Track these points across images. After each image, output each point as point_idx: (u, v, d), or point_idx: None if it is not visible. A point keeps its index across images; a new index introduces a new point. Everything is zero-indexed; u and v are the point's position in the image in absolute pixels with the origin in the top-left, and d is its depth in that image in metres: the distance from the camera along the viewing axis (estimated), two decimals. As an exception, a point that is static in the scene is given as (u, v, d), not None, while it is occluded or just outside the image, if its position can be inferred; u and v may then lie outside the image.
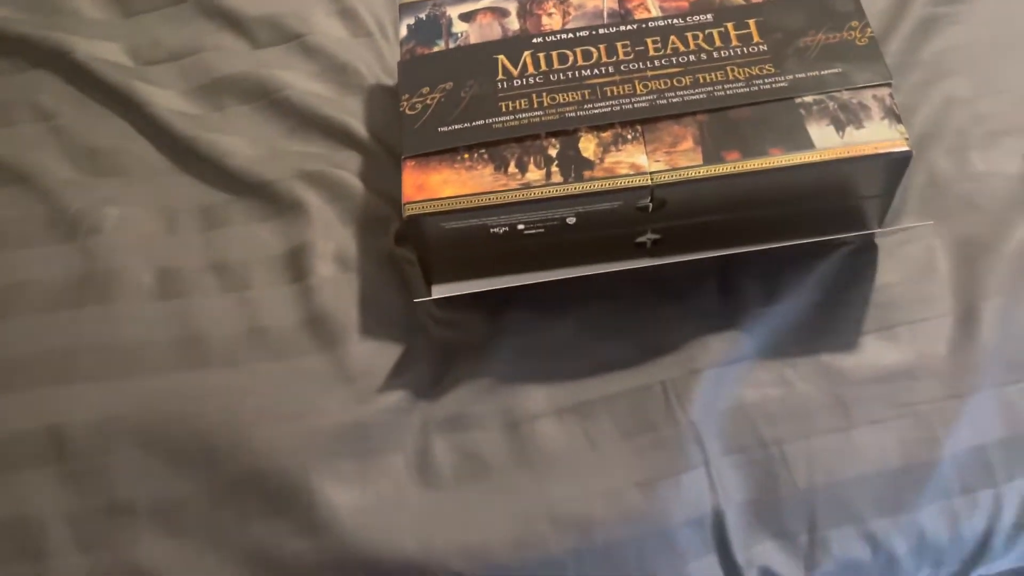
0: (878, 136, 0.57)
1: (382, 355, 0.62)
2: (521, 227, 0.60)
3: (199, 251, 0.67)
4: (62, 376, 0.61)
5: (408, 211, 0.59)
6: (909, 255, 0.63)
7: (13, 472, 0.58)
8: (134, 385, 0.61)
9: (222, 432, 0.59)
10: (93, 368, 0.61)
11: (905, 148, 0.57)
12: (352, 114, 0.71)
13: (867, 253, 0.63)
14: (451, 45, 0.65)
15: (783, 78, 0.60)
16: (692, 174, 0.57)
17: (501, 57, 0.64)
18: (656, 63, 0.62)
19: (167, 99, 0.73)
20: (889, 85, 0.59)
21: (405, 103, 0.63)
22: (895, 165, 0.58)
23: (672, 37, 0.63)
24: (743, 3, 0.64)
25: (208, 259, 0.66)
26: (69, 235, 0.67)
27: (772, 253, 0.62)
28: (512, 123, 0.60)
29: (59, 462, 0.59)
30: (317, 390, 0.61)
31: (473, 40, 0.65)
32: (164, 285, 0.65)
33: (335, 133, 0.71)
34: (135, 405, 0.60)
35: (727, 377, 0.60)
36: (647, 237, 0.62)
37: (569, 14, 0.66)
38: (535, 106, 0.61)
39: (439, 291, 0.64)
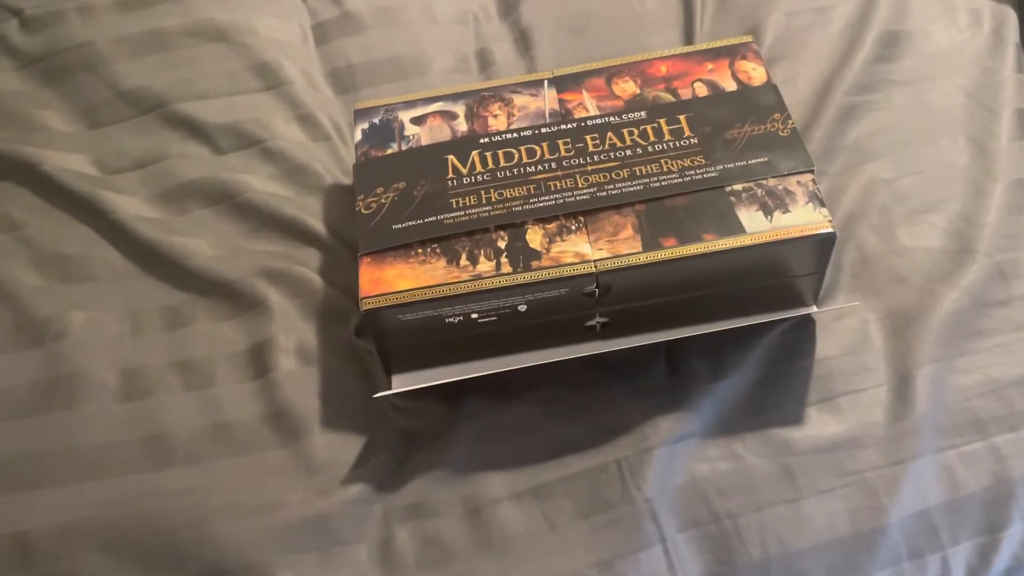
0: (804, 219, 0.61)
1: (344, 446, 0.64)
2: (475, 316, 0.63)
3: (163, 350, 0.68)
4: (28, 482, 0.62)
5: (365, 305, 0.61)
6: (845, 328, 0.67)
7: (-24, 582, 0.59)
8: (99, 488, 0.62)
9: (186, 530, 0.60)
10: (59, 473, 0.62)
11: (829, 229, 0.61)
12: (311, 213, 0.75)
13: (805, 328, 0.67)
14: (403, 147, 0.69)
15: (713, 168, 0.64)
16: (633, 260, 0.61)
17: (451, 157, 0.67)
18: (595, 158, 0.66)
19: (132, 206, 0.76)
20: (812, 172, 0.63)
21: (361, 203, 0.66)
22: (821, 245, 0.62)
23: (609, 134, 0.67)
24: (674, 100, 0.69)
25: (172, 358, 0.68)
26: (36, 341, 0.68)
27: (715, 332, 0.65)
28: (462, 218, 0.64)
29: (24, 570, 0.59)
30: (280, 484, 0.62)
31: (424, 142, 0.69)
32: (129, 386, 0.66)
33: (295, 232, 0.74)
34: (100, 508, 0.61)
35: (679, 454, 0.62)
36: (596, 320, 0.65)
37: (513, 115, 0.70)
38: (484, 202, 0.64)
39: (398, 382, 0.66)
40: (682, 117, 0.67)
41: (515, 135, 0.68)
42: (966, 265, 0.68)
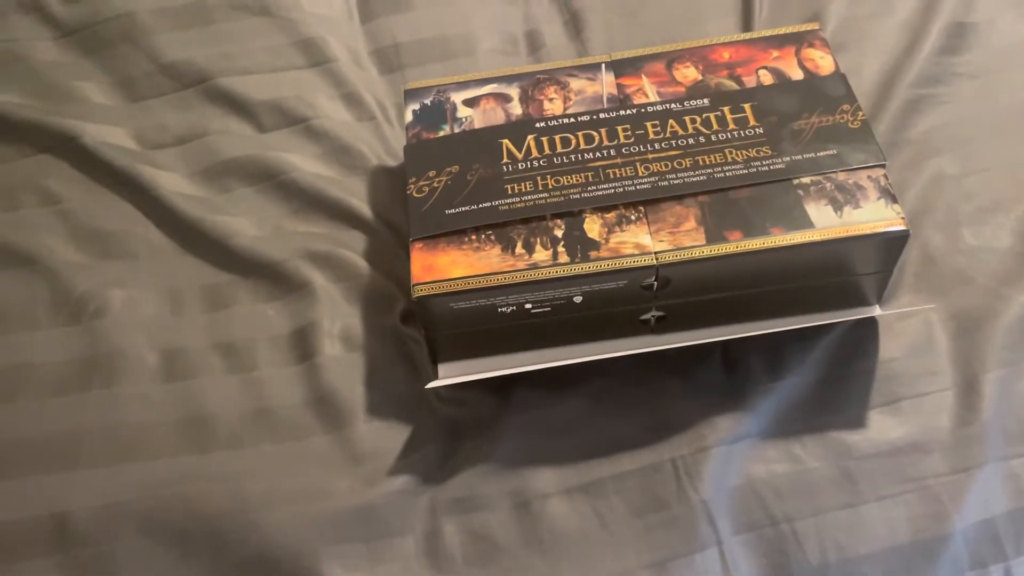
0: (875, 216, 0.59)
1: (389, 435, 0.62)
2: (529, 306, 0.61)
3: (205, 332, 0.67)
4: (66, 461, 0.60)
5: (417, 292, 0.59)
6: (908, 329, 0.64)
7: (14, 562, 0.57)
8: (139, 469, 0.60)
9: (228, 516, 0.58)
10: (98, 453, 0.61)
11: (903, 227, 0.58)
12: (356, 195, 0.73)
13: (867, 328, 0.64)
14: (456, 130, 0.67)
15: (780, 160, 0.62)
16: (696, 254, 0.59)
17: (505, 141, 0.65)
18: (656, 146, 0.64)
19: (173, 182, 0.74)
20: (883, 166, 0.61)
21: (412, 186, 0.64)
22: (893, 244, 0.59)
23: (671, 121, 0.65)
24: (738, 88, 0.66)
25: (214, 340, 0.66)
26: (74, 317, 0.67)
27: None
28: (518, 205, 0.62)
29: (62, 551, 0.58)
30: (324, 472, 0.60)
31: (477, 125, 0.67)
32: (169, 366, 0.65)
33: (340, 214, 0.72)
34: (140, 490, 0.59)
35: (736, 454, 0.60)
36: (651, 314, 0.63)
37: (570, 99, 0.68)
38: (540, 188, 0.62)
39: (445, 371, 0.64)
40: (747, 106, 0.65)
41: (572, 120, 0.66)
42: (1036, 267, 0.66)
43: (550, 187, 0.62)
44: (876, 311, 0.64)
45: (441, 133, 0.67)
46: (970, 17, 0.79)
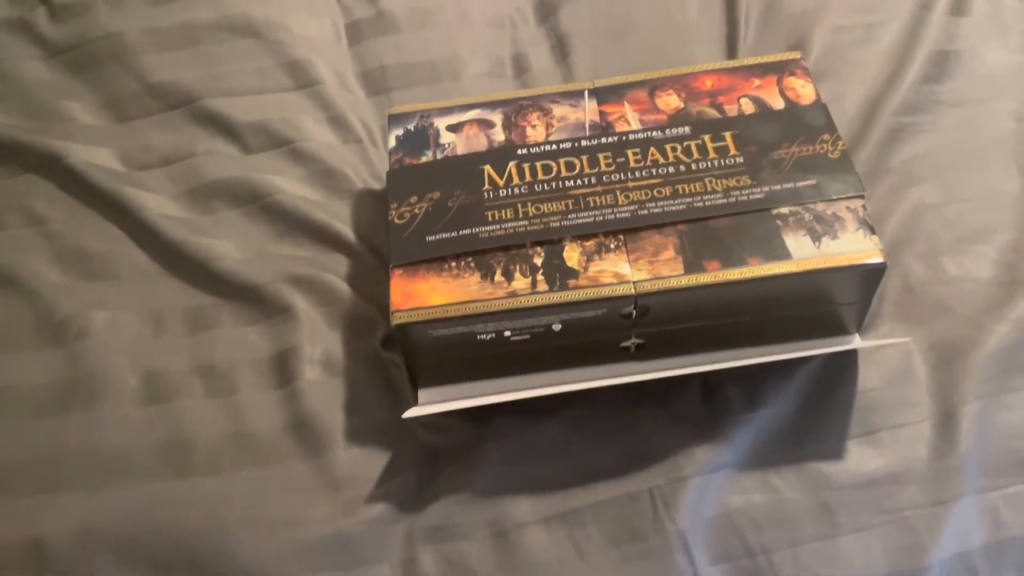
0: (853, 247, 0.59)
1: (368, 461, 0.62)
2: (508, 333, 0.61)
3: (186, 354, 0.67)
4: (45, 485, 0.60)
5: (396, 319, 0.59)
6: (887, 359, 0.64)
7: (-11, 588, 0.57)
8: (118, 494, 0.60)
9: (206, 542, 0.58)
10: (77, 477, 0.61)
11: (880, 259, 0.59)
12: (340, 218, 0.73)
13: (846, 357, 0.65)
14: (439, 155, 0.67)
15: (759, 189, 0.62)
16: (674, 283, 0.59)
17: (487, 167, 0.65)
18: (637, 174, 0.64)
19: (158, 203, 0.74)
20: (862, 197, 0.61)
21: (394, 212, 0.64)
22: (871, 275, 0.60)
23: (652, 149, 0.65)
24: (719, 116, 0.67)
25: (195, 362, 0.66)
26: (56, 339, 0.67)
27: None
28: (498, 232, 0.62)
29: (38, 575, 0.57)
30: (303, 499, 0.60)
31: (460, 151, 0.67)
32: (150, 389, 0.65)
33: (324, 237, 0.72)
34: (118, 515, 0.59)
35: (712, 484, 0.60)
36: (631, 342, 0.63)
37: (552, 126, 0.68)
38: (520, 216, 0.63)
39: (425, 396, 0.64)
40: (728, 134, 0.65)
41: (554, 147, 0.66)
42: (1016, 298, 0.66)
43: (530, 215, 0.62)
44: (855, 341, 0.64)
45: (424, 159, 0.67)
46: (954, 45, 0.79)
